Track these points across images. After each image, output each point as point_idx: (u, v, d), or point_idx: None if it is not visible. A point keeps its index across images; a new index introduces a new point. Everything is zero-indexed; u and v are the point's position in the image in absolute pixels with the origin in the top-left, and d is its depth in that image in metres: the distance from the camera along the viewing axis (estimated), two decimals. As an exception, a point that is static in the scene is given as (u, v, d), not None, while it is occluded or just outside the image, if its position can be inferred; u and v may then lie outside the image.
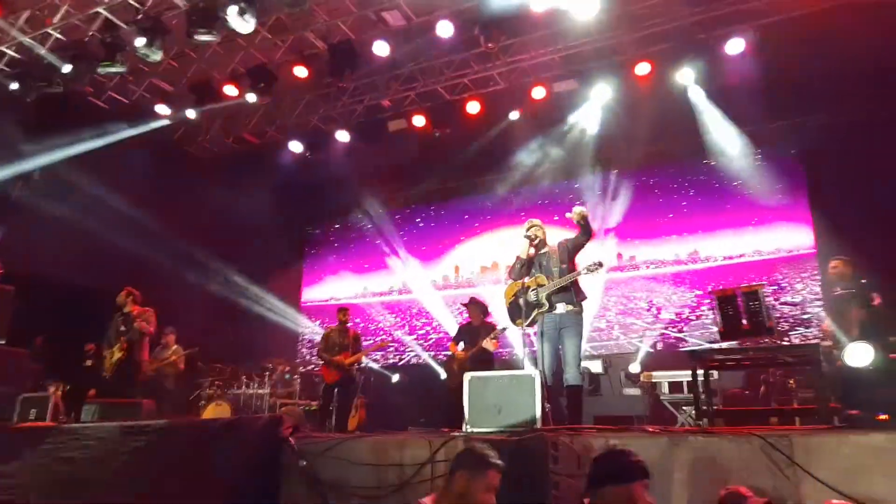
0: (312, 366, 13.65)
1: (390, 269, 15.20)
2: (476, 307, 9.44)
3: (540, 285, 6.76)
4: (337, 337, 10.12)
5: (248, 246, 14.38)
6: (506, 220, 13.84)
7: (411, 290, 14.85)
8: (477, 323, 9.35)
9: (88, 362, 11.01)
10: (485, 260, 14.30)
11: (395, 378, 12.86)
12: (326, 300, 15.74)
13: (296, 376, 12.13)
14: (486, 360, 8.98)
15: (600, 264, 6.59)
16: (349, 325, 10.40)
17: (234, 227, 14.18)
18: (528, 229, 6.97)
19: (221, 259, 14.20)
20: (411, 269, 14.87)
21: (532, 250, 6.92)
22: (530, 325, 6.76)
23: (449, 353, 9.61)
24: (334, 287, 15.78)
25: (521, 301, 6.64)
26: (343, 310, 10.41)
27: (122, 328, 9.39)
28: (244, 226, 14.18)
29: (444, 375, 10.06)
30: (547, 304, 6.68)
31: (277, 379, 12.03)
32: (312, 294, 16.08)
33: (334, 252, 16.05)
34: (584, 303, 6.83)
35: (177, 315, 11.10)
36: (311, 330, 15.50)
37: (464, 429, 5.34)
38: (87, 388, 10.01)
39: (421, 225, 15.22)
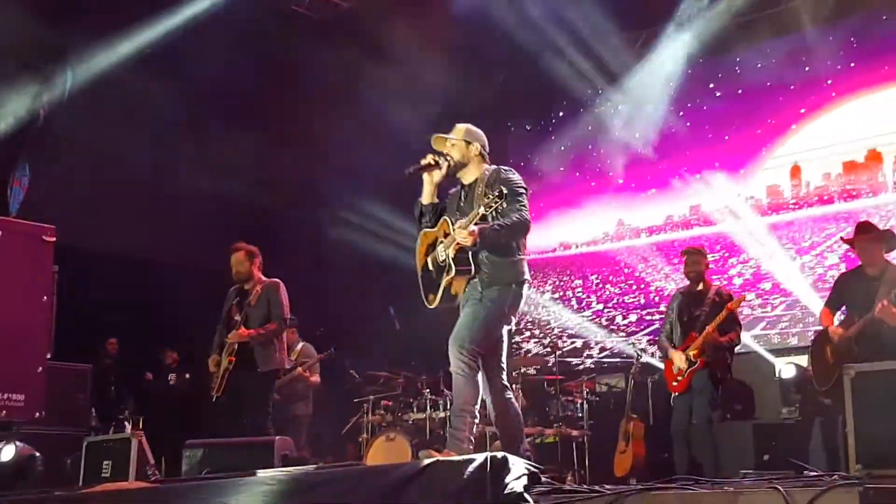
0: (549, 362, 10.18)
1: (668, 187, 10.83)
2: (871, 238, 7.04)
3: (446, 235, 5.31)
4: (692, 306, 7.96)
5: (400, 163, 11.02)
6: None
7: (710, 219, 10.30)
8: (875, 270, 6.78)
9: (172, 378, 10.22)
10: (852, 147, 9.29)
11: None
12: (551, 250, 11.56)
13: (515, 385, 8.99)
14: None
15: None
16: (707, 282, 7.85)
17: (377, 129, 10.49)
18: (438, 143, 5.09)
19: (357, 191, 10.84)
20: (705, 181, 10.29)
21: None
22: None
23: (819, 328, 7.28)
24: (562, 226, 11.48)
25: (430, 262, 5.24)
26: (695, 251, 7.90)
27: (238, 316, 7.20)
28: (393, 126, 10.17)
29: (787, 371, 8.57)
30: (453, 267, 5.16)
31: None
32: (529, 240, 12.51)
33: (559, 162, 11.46)
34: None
35: (297, 293, 7.95)
36: (534, 303, 11.35)
37: (851, 470, 4.03)
38: (176, 421, 9.05)
39: (718, 95, 10.13)
